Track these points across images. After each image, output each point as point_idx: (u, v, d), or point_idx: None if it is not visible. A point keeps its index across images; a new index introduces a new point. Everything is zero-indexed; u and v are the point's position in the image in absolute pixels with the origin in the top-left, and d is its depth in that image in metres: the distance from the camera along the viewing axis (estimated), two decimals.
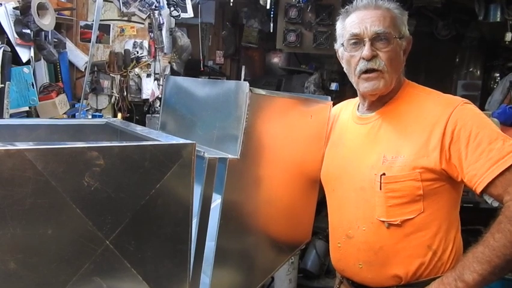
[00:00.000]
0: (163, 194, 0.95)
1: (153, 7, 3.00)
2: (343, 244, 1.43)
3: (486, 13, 3.88)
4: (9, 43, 2.08)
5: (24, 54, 2.17)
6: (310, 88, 4.45)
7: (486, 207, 2.55)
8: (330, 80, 4.62)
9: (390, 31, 1.34)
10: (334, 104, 1.56)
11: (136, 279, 0.95)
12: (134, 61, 2.98)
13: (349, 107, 1.55)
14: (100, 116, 2.70)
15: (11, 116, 2.04)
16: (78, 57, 2.87)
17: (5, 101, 1.98)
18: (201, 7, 3.82)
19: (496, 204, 1.27)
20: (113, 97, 2.95)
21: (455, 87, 4.90)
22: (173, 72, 3.23)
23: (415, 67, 4.43)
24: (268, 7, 4.10)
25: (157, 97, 3.04)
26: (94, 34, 2.29)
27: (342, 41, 1.41)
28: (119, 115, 2.90)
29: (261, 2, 3.95)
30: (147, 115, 3.06)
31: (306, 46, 4.27)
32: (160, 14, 3.04)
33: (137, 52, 3.00)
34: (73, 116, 2.59)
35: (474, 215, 2.22)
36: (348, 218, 1.42)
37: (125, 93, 2.96)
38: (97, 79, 2.88)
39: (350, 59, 1.38)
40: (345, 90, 4.38)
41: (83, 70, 2.88)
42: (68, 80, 2.79)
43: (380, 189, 1.32)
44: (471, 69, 4.90)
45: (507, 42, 3.89)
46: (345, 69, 1.44)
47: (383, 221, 1.33)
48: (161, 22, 3.03)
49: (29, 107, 2.24)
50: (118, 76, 2.95)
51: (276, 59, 5.64)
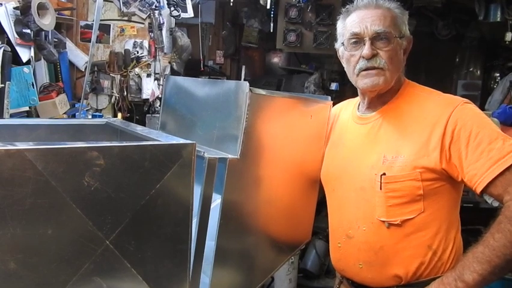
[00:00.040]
0: (163, 194, 0.95)
1: (153, 7, 3.00)
2: (343, 244, 1.43)
3: (486, 13, 3.88)
4: (9, 43, 2.08)
5: (24, 54, 2.17)
6: (310, 88, 4.46)
7: (486, 207, 2.55)
8: (330, 80, 4.63)
9: (390, 30, 1.34)
10: (334, 104, 1.56)
11: (136, 279, 0.95)
12: (134, 61, 2.98)
13: (349, 107, 1.55)
14: (100, 116, 2.70)
15: (11, 116, 2.04)
16: (78, 57, 2.87)
17: (5, 101, 1.98)
18: (201, 7, 3.82)
19: (496, 204, 1.27)
20: (113, 97, 2.95)
21: (455, 87, 4.89)
22: (173, 72, 3.23)
23: (415, 67, 4.42)
24: (268, 7, 4.10)
25: (157, 97, 3.04)
26: (94, 34, 2.29)
27: (342, 40, 1.41)
28: (119, 115, 2.90)
29: (261, 2, 3.95)
30: (147, 115, 3.06)
31: (306, 46, 4.28)
32: (160, 14, 3.04)
33: (137, 52, 3.00)
34: (73, 116, 2.59)
35: (474, 215, 2.22)
36: (348, 218, 1.42)
37: (125, 93, 2.96)
38: (97, 79, 2.88)
39: (350, 58, 1.38)
40: (345, 90, 4.38)
41: (83, 70, 2.88)
42: (68, 80, 2.79)
43: (380, 189, 1.32)
44: (471, 69, 4.90)
45: (507, 42, 3.89)
46: (345, 68, 1.44)
47: (383, 221, 1.33)
48: (161, 22, 3.03)
49: (29, 107, 2.24)
50: (118, 76, 2.95)
51: (276, 59, 5.64)
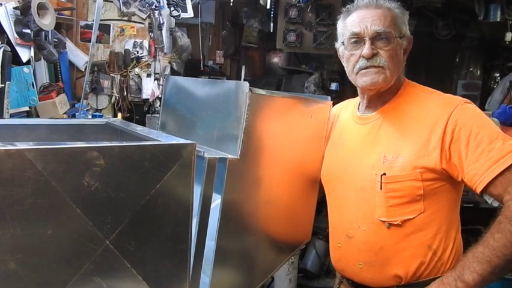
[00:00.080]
0: (163, 194, 0.95)
1: (153, 7, 3.00)
2: (343, 244, 1.43)
3: (486, 13, 3.87)
4: (9, 43, 2.08)
5: (24, 54, 2.17)
6: (310, 88, 4.45)
7: (486, 207, 2.54)
8: (330, 80, 4.62)
9: (390, 30, 1.34)
10: (334, 104, 1.56)
11: (136, 279, 0.95)
12: (134, 61, 2.98)
13: (349, 107, 1.55)
14: (100, 116, 2.70)
15: (11, 116, 2.04)
16: (78, 57, 2.87)
17: (5, 101, 1.97)
18: (201, 7, 3.82)
19: (496, 204, 1.27)
20: (113, 97, 2.94)
21: (455, 87, 4.89)
22: (173, 72, 3.23)
23: (415, 67, 4.42)
24: (268, 7, 4.10)
25: (157, 97, 3.04)
26: (94, 34, 2.29)
27: (342, 40, 1.41)
28: (119, 115, 2.90)
29: (261, 2, 3.95)
30: (147, 115, 3.06)
31: (306, 46, 4.28)
32: (160, 14, 3.03)
33: (137, 52, 3.00)
34: (73, 116, 2.59)
35: (474, 215, 2.22)
36: (348, 218, 1.41)
37: (125, 93, 2.96)
38: (97, 79, 2.87)
39: (350, 57, 1.38)
40: (345, 90, 4.38)
41: (83, 70, 2.88)
42: (68, 80, 2.79)
43: (381, 189, 1.32)
44: (471, 69, 4.90)
45: (507, 42, 3.89)
46: (345, 67, 1.44)
47: (384, 221, 1.33)
48: (161, 22, 3.03)
49: (29, 107, 2.24)
50: (118, 76, 2.95)
51: (276, 59, 5.64)
